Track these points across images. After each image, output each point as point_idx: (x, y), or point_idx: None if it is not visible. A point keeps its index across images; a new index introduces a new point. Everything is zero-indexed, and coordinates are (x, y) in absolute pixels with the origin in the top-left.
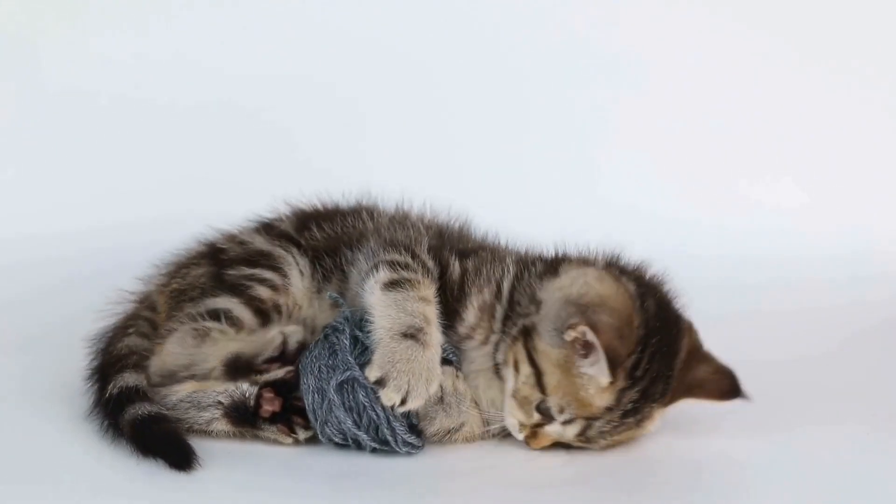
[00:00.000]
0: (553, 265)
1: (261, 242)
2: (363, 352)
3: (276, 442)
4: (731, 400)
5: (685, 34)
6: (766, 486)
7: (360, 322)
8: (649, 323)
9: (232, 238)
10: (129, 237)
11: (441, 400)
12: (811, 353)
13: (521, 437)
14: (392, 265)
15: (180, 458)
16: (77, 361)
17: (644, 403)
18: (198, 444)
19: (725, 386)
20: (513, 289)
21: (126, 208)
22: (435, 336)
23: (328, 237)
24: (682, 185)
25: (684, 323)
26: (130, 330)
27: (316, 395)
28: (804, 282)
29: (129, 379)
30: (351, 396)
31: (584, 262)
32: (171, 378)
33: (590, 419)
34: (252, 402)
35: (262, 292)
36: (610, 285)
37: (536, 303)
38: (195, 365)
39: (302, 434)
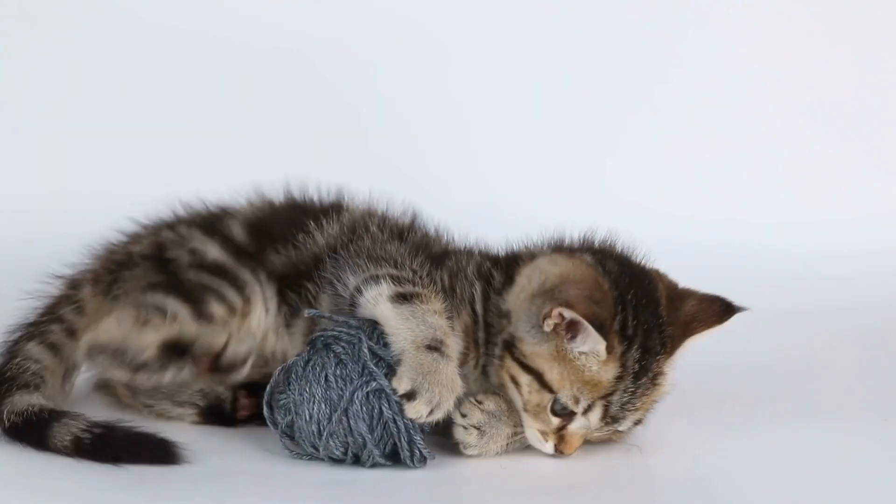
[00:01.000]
0: (508, 272)
1: (217, 254)
2: (377, 363)
3: None
4: (730, 319)
5: (704, 27)
6: (771, 490)
7: (371, 332)
8: (618, 282)
9: (179, 242)
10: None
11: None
12: (818, 353)
13: (549, 447)
14: (395, 279)
15: (165, 453)
16: None
17: (649, 359)
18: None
19: (718, 309)
20: (485, 311)
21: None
22: (454, 348)
23: (286, 263)
24: (691, 181)
25: (651, 272)
26: (39, 334)
27: (323, 406)
28: (810, 279)
29: (24, 401)
30: (369, 408)
31: (533, 257)
32: (101, 352)
33: (606, 397)
34: (228, 406)
35: (217, 310)
36: (564, 263)
37: (506, 315)
38: (128, 348)
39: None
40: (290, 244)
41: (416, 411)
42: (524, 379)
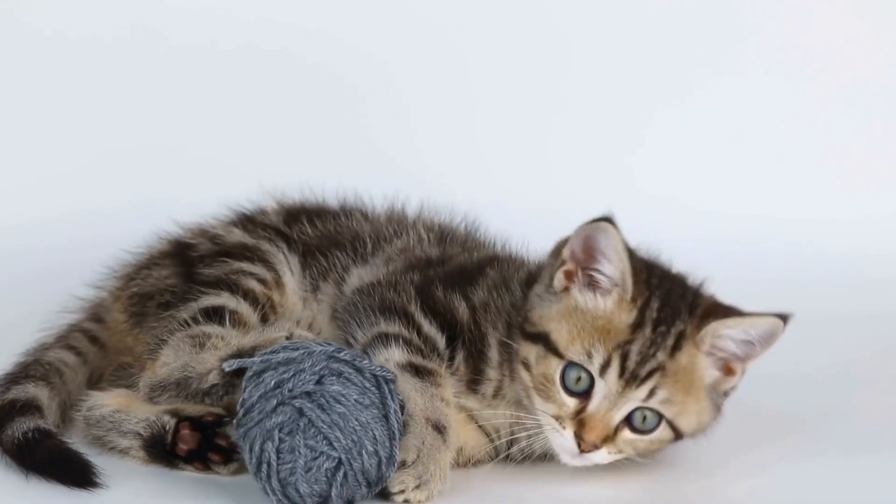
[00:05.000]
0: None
1: (240, 236)
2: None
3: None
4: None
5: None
6: None
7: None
8: (634, 255)
9: (202, 233)
10: (83, 230)
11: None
12: (860, 363)
13: (568, 435)
14: (408, 345)
15: (78, 475)
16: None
17: (671, 316)
18: None
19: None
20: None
21: (79, 197)
22: (454, 438)
23: (321, 235)
24: (715, 175)
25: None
26: (60, 342)
27: (381, 427)
28: (848, 281)
29: (27, 391)
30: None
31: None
32: (163, 390)
33: (623, 346)
34: (169, 439)
35: (253, 285)
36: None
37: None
38: (191, 368)
39: (223, 470)
40: (331, 220)
41: (403, 483)
42: (532, 352)
